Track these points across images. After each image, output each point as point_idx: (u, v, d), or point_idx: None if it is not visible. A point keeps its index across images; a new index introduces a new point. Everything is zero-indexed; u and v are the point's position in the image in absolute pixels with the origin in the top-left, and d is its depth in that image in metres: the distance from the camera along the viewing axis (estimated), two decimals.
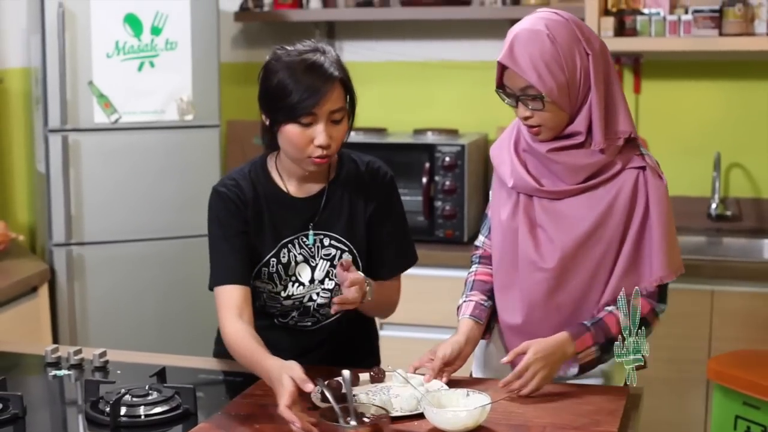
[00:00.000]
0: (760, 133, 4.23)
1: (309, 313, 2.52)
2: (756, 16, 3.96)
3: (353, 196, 2.51)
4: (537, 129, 2.33)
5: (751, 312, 3.70)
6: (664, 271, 2.34)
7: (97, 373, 2.53)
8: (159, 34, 3.85)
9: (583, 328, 2.32)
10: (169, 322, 4.01)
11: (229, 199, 2.47)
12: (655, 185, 2.35)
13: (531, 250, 2.39)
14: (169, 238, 3.99)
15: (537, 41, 2.27)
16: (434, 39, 4.55)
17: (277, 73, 2.33)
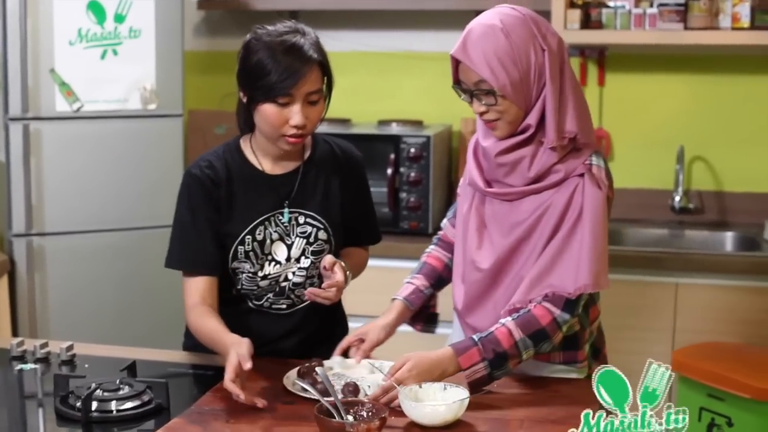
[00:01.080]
0: (722, 127, 4.26)
1: (284, 294, 2.53)
2: (720, 11, 3.99)
3: (328, 175, 2.56)
4: (494, 124, 2.32)
5: (714, 304, 3.73)
6: (588, 281, 2.25)
7: (64, 366, 2.50)
8: (122, 22, 3.79)
9: (470, 343, 2.25)
10: (131, 313, 3.96)
11: (200, 182, 2.48)
12: (592, 194, 2.29)
13: (473, 249, 2.41)
14: (132, 228, 3.94)
15: (491, 36, 2.26)
16: (399, 29, 4.53)
17: (257, 53, 2.35)
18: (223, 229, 2.48)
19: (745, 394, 3.28)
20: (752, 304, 3.69)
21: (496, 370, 2.23)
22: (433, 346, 2.45)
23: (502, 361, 2.23)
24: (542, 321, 2.27)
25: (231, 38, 4.69)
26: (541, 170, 2.31)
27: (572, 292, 2.26)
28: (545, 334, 2.27)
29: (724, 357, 3.50)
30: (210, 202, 2.47)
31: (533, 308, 2.28)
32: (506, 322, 2.27)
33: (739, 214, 4.28)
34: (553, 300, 2.27)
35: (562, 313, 2.28)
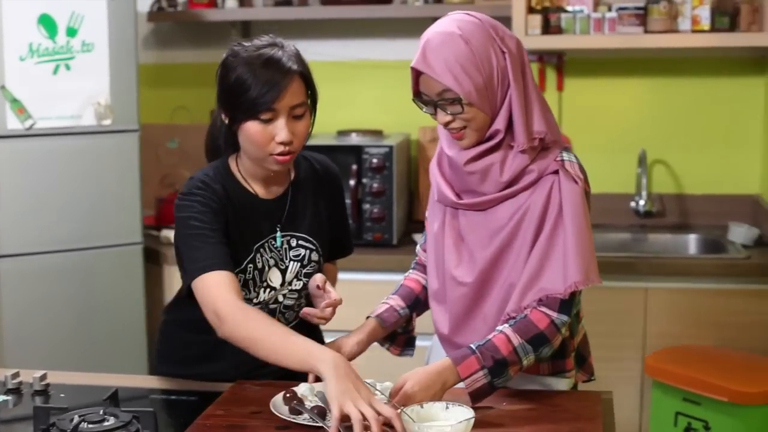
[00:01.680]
0: (682, 130, 4.27)
1: (273, 316, 2.44)
2: (679, 14, 3.99)
3: (314, 195, 2.50)
4: (461, 133, 2.25)
5: (683, 308, 3.73)
6: (579, 277, 2.19)
7: (38, 397, 2.37)
8: (75, 36, 3.66)
9: (467, 352, 2.18)
10: (89, 337, 3.83)
11: (205, 198, 2.33)
12: (569, 189, 2.24)
13: (453, 266, 2.34)
14: (89, 248, 3.80)
15: (450, 44, 2.20)
16: (355, 38, 4.47)
17: (235, 69, 2.27)
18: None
19: (723, 397, 3.27)
20: (721, 306, 3.70)
21: (497, 378, 2.17)
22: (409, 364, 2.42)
23: (502, 369, 2.17)
24: (540, 325, 2.21)
25: (181, 50, 4.61)
26: (514, 174, 2.26)
27: (563, 292, 2.21)
28: (544, 337, 2.22)
29: (698, 360, 3.49)
30: (220, 213, 2.32)
31: (529, 313, 2.22)
32: (503, 329, 2.22)
33: (700, 217, 4.29)
34: (548, 303, 2.22)
35: (559, 315, 2.23)
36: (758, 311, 3.66)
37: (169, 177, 4.47)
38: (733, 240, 3.97)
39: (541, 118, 2.27)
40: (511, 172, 2.26)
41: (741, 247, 3.88)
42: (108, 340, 3.84)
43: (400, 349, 2.56)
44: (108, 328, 3.85)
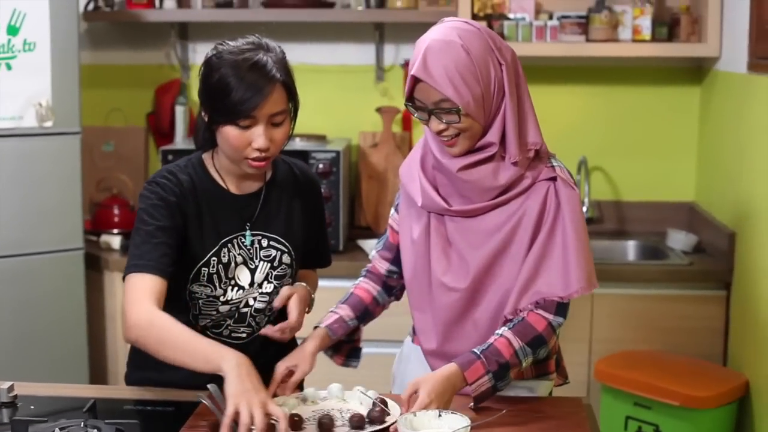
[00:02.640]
0: (621, 138, 4.34)
1: (244, 321, 2.40)
2: (620, 23, 4.06)
3: (289, 197, 2.46)
4: (453, 141, 2.24)
5: (628, 313, 3.78)
6: (583, 283, 2.22)
7: (5, 409, 2.28)
8: (16, 35, 3.54)
9: (473, 357, 2.20)
10: (30, 344, 3.70)
11: (169, 188, 2.30)
12: (567, 195, 2.26)
13: (440, 272, 2.32)
14: (29, 254, 3.67)
15: (451, 53, 2.17)
16: (295, 41, 4.42)
17: (219, 70, 2.21)
18: (190, 248, 2.32)
19: (674, 401, 3.32)
20: (664, 311, 3.76)
21: (500, 382, 2.20)
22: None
23: (505, 372, 2.20)
24: (538, 327, 2.23)
25: (117, 51, 4.51)
26: (508, 183, 2.26)
27: (565, 296, 2.23)
28: (542, 339, 2.24)
29: (647, 365, 3.54)
30: (176, 209, 2.29)
31: (527, 316, 2.24)
32: (503, 332, 2.22)
33: (638, 223, 4.37)
34: (545, 306, 2.24)
35: (555, 317, 2.25)
36: (701, 316, 3.74)
37: (105, 181, 4.36)
38: (672, 246, 4.05)
39: (536, 129, 2.27)
40: (504, 180, 2.25)
41: (681, 253, 3.95)
42: (49, 348, 3.72)
43: (343, 359, 2.52)
44: (49, 336, 3.73)
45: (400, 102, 4.38)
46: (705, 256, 3.93)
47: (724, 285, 3.73)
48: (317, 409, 2.25)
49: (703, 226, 4.08)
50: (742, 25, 3.56)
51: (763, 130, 3.35)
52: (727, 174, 3.83)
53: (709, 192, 4.13)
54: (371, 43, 4.37)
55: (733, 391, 3.39)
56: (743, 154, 3.59)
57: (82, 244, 3.79)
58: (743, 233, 3.57)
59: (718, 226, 3.85)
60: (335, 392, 2.32)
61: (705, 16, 3.93)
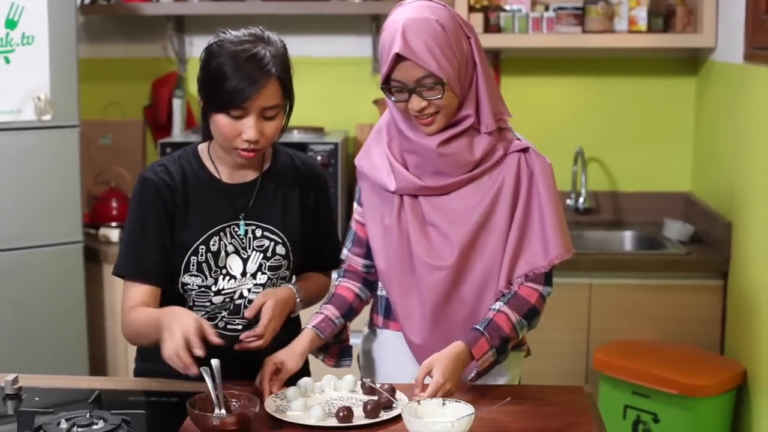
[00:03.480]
0: (617, 128, 4.35)
1: (239, 312, 2.40)
2: (616, 14, 4.08)
3: (287, 188, 2.45)
4: (431, 119, 2.26)
5: (626, 303, 3.80)
6: (560, 249, 2.29)
7: (10, 401, 2.29)
8: (14, 28, 3.54)
9: (477, 334, 2.24)
10: (30, 337, 3.71)
11: (155, 186, 2.36)
12: (541, 164, 2.32)
13: (424, 252, 2.33)
14: (28, 247, 3.68)
15: (429, 29, 2.21)
16: (291, 34, 4.39)
17: (217, 58, 2.24)
18: (177, 237, 2.36)
19: (673, 390, 3.35)
20: (661, 301, 3.78)
21: (501, 355, 2.27)
22: None
23: (505, 345, 2.27)
24: (530, 299, 2.31)
25: (114, 45, 4.51)
26: (484, 154, 2.30)
27: (546, 265, 2.30)
28: (536, 310, 2.32)
29: (645, 354, 3.56)
30: (163, 209, 2.35)
31: (518, 289, 2.31)
32: (500, 307, 2.29)
33: (634, 214, 4.38)
34: (534, 278, 2.31)
35: (545, 287, 2.34)
36: (698, 305, 3.76)
37: (103, 174, 4.36)
38: (669, 236, 4.07)
39: (500, 100, 2.34)
40: (480, 153, 2.30)
41: (678, 243, 3.97)
42: (49, 341, 3.73)
43: (335, 360, 2.50)
44: (49, 329, 3.73)
45: None
46: (702, 245, 3.95)
47: (721, 274, 3.75)
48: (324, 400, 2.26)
49: (699, 216, 4.10)
50: (738, 15, 3.58)
51: (758, 119, 3.37)
52: (723, 164, 3.85)
53: (705, 182, 4.15)
54: (368, 36, 4.38)
55: (731, 380, 3.41)
56: (739, 144, 3.61)
57: (81, 238, 3.80)
58: (739, 223, 3.59)
59: (714, 216, 3.87)
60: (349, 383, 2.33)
61: (701, 7, 3.95)
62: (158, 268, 2.36)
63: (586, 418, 2.18)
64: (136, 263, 2.36)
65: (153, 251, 2.35)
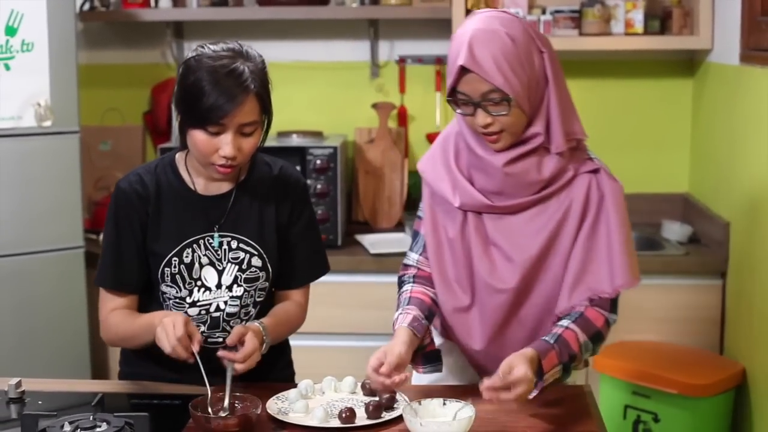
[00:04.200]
0: (614, 130, 4.36)
1: (218, 326, 2.41)
2: (613, 17, 4.09)
3: (264, 200, 2.43)
4: (497, 136, 2.20)
5: (625, 304, 3.78)
6: (627, 278, 2.22)
7: (13, 405, 2.31)
8: (14, 35, 3.56)
9: (548, 345, 2.15)
10: (31, 342, 3.72)
11: (127, 197, 2.37)
12: (612, 187, 2.25)
13: (486, 273, 2.27)
14: (30, 253, 3.69)
15: (497, 41, 2.14)
16: (290, 39, 4.45)
17: (195, 73, 2.22)
18: (150, 248, 2.37)
19: (672, 389, 3.36)
20: (660, 301, 3.79)
21: (566, 374, 2.18)
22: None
23: (570, 364, 2.17)
24: (597, 323, 2.22)
25: (113, 51, 4.52)
26: (552, 175, 2.22)
27: (611, 292, 2.22)
28: (601, 335, 2.23)
29: (645, 354, 3.58)
30: (136, 219, 2.36)
31: (585, 311, 2.21)
32: (569, 325, 2.19)
33: (632, 215, 4.32)
34: (600, 303, 2.23)
35: (611, 315, 2.25)
36: (697, 306, 3.77)
37: (103, 180, 4.37)
38: (668, 237, 4.08)
39: (578, 120, 2.26)
40: (549, 173, 2.22)
41: (677, 244, 3.99)
42: (51, 345, 3.74)
43: (423, 365, 2.38)
44: (51, 333, 3.74)
45: (396, 98, 4.41)
46: (700, 246, 3.97)
47: (720, 275, 3.76)
48: (325, 402, 2.27)
49: (697, 217, 4.11)
50: (734, 17, 3.60)
51: (755, 120, 3.39)
52: (720, 165, 3.87)
53: (702, 183, 4.17)
54: (366, 40, 4.39)
55: (730, 379, 3.43)
56: (736, 144, 3.62)
57: (82, 243, 3.81)
58: (737, 223, 3.61)
59: (712, 217, 3.88)
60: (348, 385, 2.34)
61: (697, 9, 3.97)
62: (134, 278, 2.40)
63: (587, 418, 2.19)
64: (112, 274, 2.40)
65: (128, 262, 2.38)
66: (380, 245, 3.94)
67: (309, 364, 2.83)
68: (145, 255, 2.38)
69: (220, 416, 2.07)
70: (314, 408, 2.18)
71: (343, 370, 2.55)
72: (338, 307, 3.85)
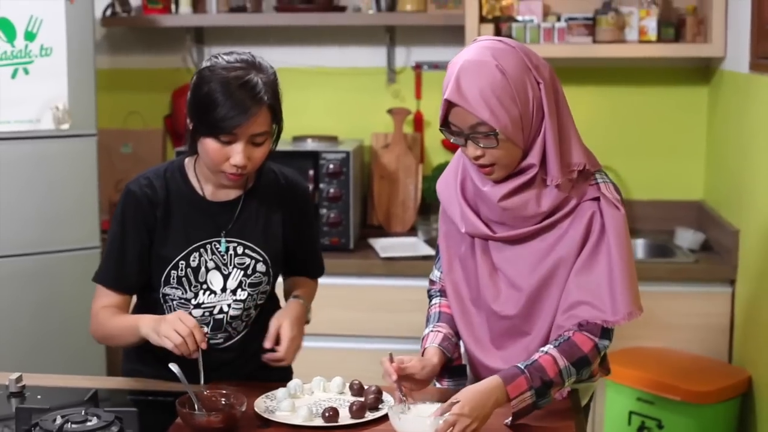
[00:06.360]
0: (629, 137, 4.38)
1: (221, 328, 2.48)
2: (627, 24, 4.11)
3: (270, 206, 2.49)
4: (489, 169, 2.19)
5: None
6: (631, 308, 2.18)
7: (14, 399, 2.38)
8: (33, 40, 3.64)
9: (516, 371, 2.13)
10: (47, 341, 3.81)
11: (137, 200, 2.42)
12: (612, 216, 2.19)
13: (491, 299, 2.29)
14: (48, 252, 3.77)
15: (485, 74, 2.11)
16: (307, 45, 4.50)
17: (208, 84, 2.28)
18: (157, 251, 2.43)
19: (676, 396, 3.37)
20: (670, 309, 3.79)
21: (541, 399, 2.14)
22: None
23: (547, 390, 2.14)
24: (584, 348, 2.18)
25: (134, 56, 4.61)
26: (552, 206, 2.20)
27: (613, 321, 2.18)
28: (587, 360, 2.19)
29: (651, 361, 3.59)
30: (143, 222, 2.42)
31: (572, 335, 2.19)
32: (549, 350, 2.18)
33: (647, 222, 4.40)
34: (590, 328, 2.19)
35: (601, 341, 2.21)
36: (706, 314, 3.77)
37: (124, 182, 4.41)
38: (680, 244, 4.08)
39: (579, 148, 2.21)
40: (548, 206, 2.20)
41: (688, 251, 3.99)
42: (67, 343, 3.81)
43: (448, 379, 2.41)
44: (67, 331, 3.82)
45: (411, 103, 4.45)
46: (711, 254, 3.97)
47: (729, 282, 3.76)
48: (312, 401, 2.31)
49: (710, 225, 4.11)
50: (745, 25, 3.60)
51: (764, 129, 3.39)
52: (732, 172, 3.87)
53: (716, 190, 4.17)
54: (383, 46, 4.44)
55: (735, 387, 3.43)
56: (747, 152, 3.62)
57: (99, 243, 3.88)
58: (747, 231, 3.61)
59: (723, 224, 3.88)
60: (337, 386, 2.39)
61: (710, 17, 3.97)
62: (133, 280, 2.46)
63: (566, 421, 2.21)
64: (113, 273, 2.45)
65: (130, 263, 2.43)
66: (391, 249, 3.98)
67: (317, 366, 2.88)
68: (148, 258, 2.43)
69: (204, 413, 2.12)
70: (299, 407, 2.22)
71: (350, 373, 2.57)
72: (347, 309, 3.89)
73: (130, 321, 2.38)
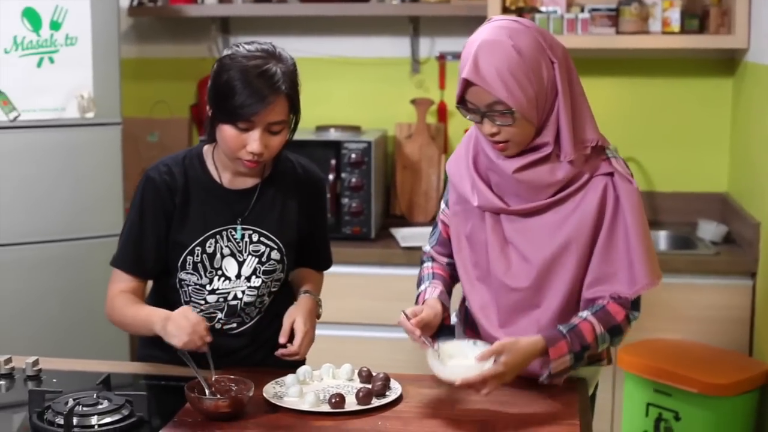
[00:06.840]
0: (653, 128, 4.36)
1: (235, 314, 2.51)
2: (650, 15, 4.09)
3: (286, 195, 2.53)
4: (504, 145, 2.25)
5: (654, 302, 3.79)
6: (647, 279, 2.25)
7: (30, 382, 2.43)
8: (58, 29, 3.70)
9: (558, 335, 2.22)
10: (72, 326, 3.87)
11: (156, 187, 2.46)
12: (626, 190, 2.26)
13: (502, 272, 2.33)
14: (71, 239, 3.83)
15: (502, 53, 2.17)
16: (331, 35, 4.53)
17: (228, 72, 2.31)
18: (174, 237, 2.46)
19: (693, 388, 3.36)
20: (690, 301, 3.79)
21: (577, 362, 2.24)
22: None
23: (583, 354, 2.23)
24: (617, 317, 2.27)
25: (161, 45, 4.65)
26: (565, 180, 2.26)
27: (631, 294, 2.26)
28: (620, 329, 2.28)
29: (669, 353, 3.58)
30: (162, 208, 2.45)
31: (606, 304, 2.26)
32: (587, 316, 2.26)
33: (670, 214, 4.39)
34: (621, 301, 2.27)
35: (632, 312, 2.30)
36: (726, 306, 3.76)
37: None
38: (702, 237, 4.07)
39: (592, 125, 2.28)
40: (561, 178, 2.25)
41: (710, 243, 3.98)
42: (91, 328, 3.87)
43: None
44: (91, 316, 3.87)
45: (435, 94, 4.46)
46: (733, 246, 3.95)
47: (750, 275, 3.75)
48: (320, 387, 2.34)
49: (734, 217, 4.09)
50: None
51: None
52: (755, 165, 3.85)
53: (740, 183, 4.15)
54: (406, 36, 4.45)
55: (754, 380, 3.42)
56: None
57: None
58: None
59: (746, 217, 3.87)
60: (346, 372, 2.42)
61: (734, 8, 3.95)
62: (150, 265, 2.49)
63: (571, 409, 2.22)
64: (130, 257, 2.49)
65: (147, 249, 2.47)
66: (412, 239, 4.00)
67: (338, 354, 2.91)
68: (165, 244, 2.47)
69: (212, 397, 2.16)
70: (307, 393, 2.25)
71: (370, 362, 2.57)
72: (368, 298, 3.92)
73: (144, 315, 2.41)
